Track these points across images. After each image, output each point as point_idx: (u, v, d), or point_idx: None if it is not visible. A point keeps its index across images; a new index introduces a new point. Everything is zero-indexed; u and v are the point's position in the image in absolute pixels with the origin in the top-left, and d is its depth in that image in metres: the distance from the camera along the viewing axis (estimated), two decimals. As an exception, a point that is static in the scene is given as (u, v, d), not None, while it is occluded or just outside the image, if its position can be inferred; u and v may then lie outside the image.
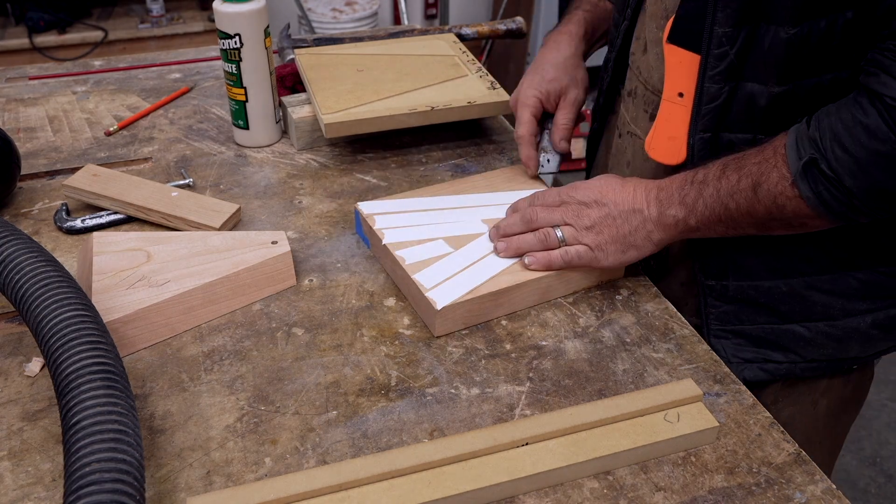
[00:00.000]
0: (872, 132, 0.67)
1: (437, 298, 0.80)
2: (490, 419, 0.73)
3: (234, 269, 0.84)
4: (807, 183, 0.71)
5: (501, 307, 0.84)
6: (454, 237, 0.89)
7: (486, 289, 0.82)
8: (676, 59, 0.82)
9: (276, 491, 0.62)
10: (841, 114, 0.70)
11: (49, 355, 0.65)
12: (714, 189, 0.77)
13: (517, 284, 0.83)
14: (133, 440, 0.59)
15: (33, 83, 1.36)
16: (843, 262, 0.84)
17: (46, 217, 1.00)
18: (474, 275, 0.84)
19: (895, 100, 0.66)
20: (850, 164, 0.69)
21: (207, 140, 1.18)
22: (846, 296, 0.85)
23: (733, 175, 0.76)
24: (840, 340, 0.87)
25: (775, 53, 0.74)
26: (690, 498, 0.66)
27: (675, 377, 0.77)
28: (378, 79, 1.18)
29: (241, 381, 0.76)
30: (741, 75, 0.78)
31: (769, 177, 0.73)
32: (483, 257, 0.86)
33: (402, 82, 1.18)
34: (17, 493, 0.65)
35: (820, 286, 0.85)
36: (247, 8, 1.06)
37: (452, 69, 1.23)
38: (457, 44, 1.32)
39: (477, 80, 1.20)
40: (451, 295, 0.81)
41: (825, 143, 0.70)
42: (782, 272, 0.85)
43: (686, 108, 0.83)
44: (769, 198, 0.74)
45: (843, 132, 0.69)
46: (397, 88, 1.16)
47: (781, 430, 0.72)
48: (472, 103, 1.13)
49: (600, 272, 0.88)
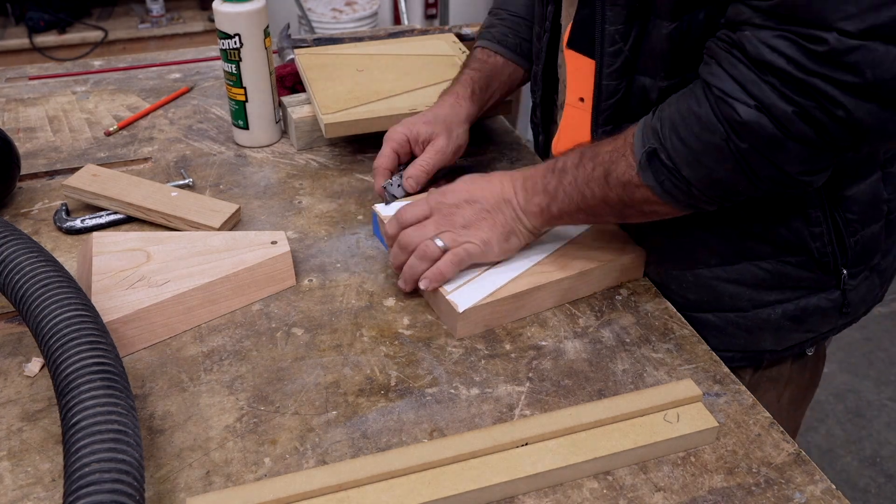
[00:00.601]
0: (704, 123, 0.68)
1: (458, 301, 0.80)
2: (490, 419, 0.73)
3: (234, 269, 0.84)
4: (650, 172, 0.73)
5: (523, 309, 0.84)
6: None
7: (507, 291, 0.82)
8: (575, 65, 0.84)
9: (275, 491, 0.62)
10: (679, 104, 0.71)
11: (49, 355, 0.65)
12: (572, 177, 0.79)
13: (538, 286, 0.83)
14: (133, 440, 0.59)
15: (33, 83, 1.36)
16: (747, 251, 0.83)
17: (46, 217, 1.00)
18: (496, 277, 0.84)
19: (722, 91, 0.66)
20: (685, 153, 0.70)
21: (207, 140, 1.18)
22: (754, 286, 0.84)
23: (588, 164, 0.78)
24: (751, 331, 0.87)
25: (661, 47, 0.75)
26: (690, 498, 0.66)
27: (674, 377, 0.77)
28: (378, 79, 1.18)
29: (241, 381, 0.76)
30: (635, 69, 0.79)
31: (618, 165, 0.75)
32: (504, 260, 0.86)
33: (401, 82, 1.18)
34: (16, 493, 0.65)
35: (726, 276, 0.85)
36: (247, 8, 1.06)
37: (452, 69, 1.22)
38: (456, 44, 1.32)
39: None
40: (473, 298, 0.81)
41: (664, 132, 0.71)
42: (687, 262, 0.86)
43: (587, 112, 0.85)
44: (619, 186, 0.75)
45: (680, 122, 0.70)
46: (397, 88, 1.16)
47: (781, 431, 0.72)
48: None
49: (620, 272, 0.88)
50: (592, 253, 0.88)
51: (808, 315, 0.86)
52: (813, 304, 0.85)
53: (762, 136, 0.65)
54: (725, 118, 0.66)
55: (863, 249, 0.84)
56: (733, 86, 0.65)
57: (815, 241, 0.81)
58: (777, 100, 0.63)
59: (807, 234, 0.81)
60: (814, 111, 0.63)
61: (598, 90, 0.81)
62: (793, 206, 0.79)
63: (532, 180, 0.83)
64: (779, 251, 0.82)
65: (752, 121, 0.65)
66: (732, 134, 0.66)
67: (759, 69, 0.64)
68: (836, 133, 0.64)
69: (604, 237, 0.90)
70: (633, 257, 0.88)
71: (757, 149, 0.66)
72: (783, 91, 0.63)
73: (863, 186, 0.81)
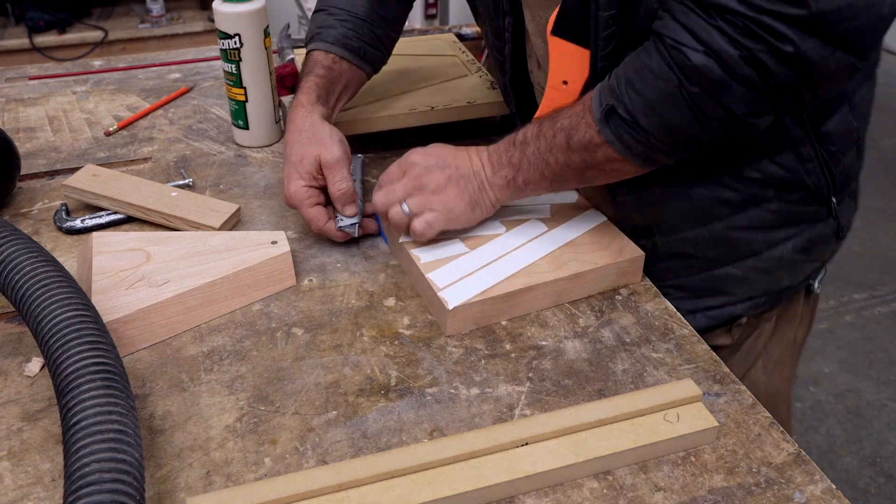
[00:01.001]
0: (657, 73, 0.72)
1: (449, 298, 0.81)
2: (490, 419, 0.73)
3: (234, 269, 0.84)
4: (608, 128, 0.76)
5: (514, 308, 0.84)
6: (472, 238, 0.90)
7: (499, 290, 0.82)
8: (560, 50, 0.85)
9: (275, 491, 0.62)
10: (633, 61, 0.76)
11: (49, 355, 0.65)
12: (535, 147, 0.83)
13: (530, 287, 0.83)
14: (133, 440, 0.59)
15: (33, 83, 1.36)
16: (752, 198, 0.88)
17: (46, 217, 1.00)
18: (489, 275, 0.84)
19: (674, 40, 0.70)
20: (641, 104, 0.74)
21: (207, 140, 1.18)
22: (764, 228, 0.90)
23: (549, 132, 0.82)
24: (770, 272, 0.92)
25: (649, 25, 0.77)
26: (690, 498, 0.66)
27: (674, 377, 0.77)
28: (378, 79, 1.17)
29: (241, 381, 0.76)
30: (625, 47, 0.81)
31: (578, 129, 0.79)
32: (499, 258, 0.86)
33: (401, 82, 1.18)
34: (16, 493, 0.65)
35: (739, 224, 0.89)
36: (247, 8, 1.06)
37: (452, 69, 1.22)
38: (456, 44, 1.32)
39: (477, 79, 1.20)
40: (464, 295, 0.81)
41: (621, 88, 0.75)
42: (701, 220, 0.90)
43: (571, 94, 0.87)
44: (580, 147, 0.79)
45: (634, 76, 0.74)
46: (397, 88, 1.16)
47: (781, 430, 0.72)
48: (472, 103, 1.13)
49: (616, 275, 0.88)
50: (590, 255, 0.87)
51: (813, 244, 0.92)
52: (816, 234, 0.92)
53: (711, 79, 0.69)
54: (677, 65, 0.71)
55: (844, 177, 0.91)
56: (684, 34, 0.70)
57: (809, 176, 0.87)
58: (725, 44, 0.67)
59: (802, 171, 0.86)
60: (759, 54, 0.67)
61: (594, 73, 0.83)
62: (786, 147, 0.85)
63: (496, 154, 0.86)
64: (780, 192, 0.88)
65: (701, 65, 0.69)
66: (684, 79, 0.71)
67: (708, 14, 0.68)
68: (780, 74, 0.68)
69: (603, 238, 0.90)
70: (631, 261, 0.88)
71: (706, 91, 0.71)
72: (732, 35, 0.67)
73: (837, 118, 0.87)
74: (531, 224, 0.92)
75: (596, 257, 0.87)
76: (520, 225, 0.92)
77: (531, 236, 0.90)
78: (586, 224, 0.92)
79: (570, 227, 0.92)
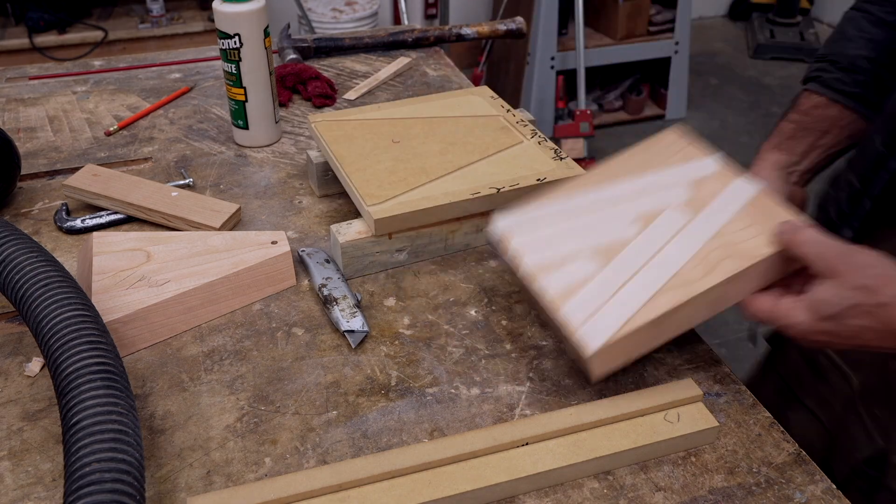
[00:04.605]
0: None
1: (587, 339, 0.66)
2: (490, 419, 0.73)
3: (234, 269, 0.84)
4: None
5: (668, 331, 0.69)
6: (600, 248, 0.73)
7: (644, 316, 0.67)
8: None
9: (276, 491, 0.62)
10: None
11: (49, 355, 0.65)
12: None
13: (682, 304, 0.67)
14: (133, 440, 0.59)
15: (33, 83, 1.36)
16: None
17: (46, 217, 1.00)
18: (629, 297, 0.68)
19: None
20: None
21: (207, 140, 1.18)
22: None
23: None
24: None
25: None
26: (690, 498, 0.66)
27: (675, 377, 0.77)
28: (420, 152, 0.98)
29: (241, 381, 0.77)
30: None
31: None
32: (637, 271, 0.70)
33: (449, 155, 0.98)
34: (17, 493, 0.65)
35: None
36: (247, 8, 1.06)
37: (503, 134, 1.03)
38: (496, 100, 1.12)
39: (535, 147, 0.99)
40: (605, 332, 0.66)
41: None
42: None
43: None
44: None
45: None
46: (447, 164, 0.96)
47: (781, 430, 0.72)
48: (543, 181, 0.93)
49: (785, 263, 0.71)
50: (746, 244, 0.70)
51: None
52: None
53: None
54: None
55: None
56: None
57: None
58: None
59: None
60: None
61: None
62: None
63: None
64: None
65: None
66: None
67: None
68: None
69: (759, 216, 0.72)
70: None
71: None
72: None
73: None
74: (667, 216, 0.74)
75: (752, 245, 0.70)
76: (654, 221, 0.74)
77: (670, 234, 0.73)
78: (735, 201, 0.74)
79: (716, 209, 0.74)
